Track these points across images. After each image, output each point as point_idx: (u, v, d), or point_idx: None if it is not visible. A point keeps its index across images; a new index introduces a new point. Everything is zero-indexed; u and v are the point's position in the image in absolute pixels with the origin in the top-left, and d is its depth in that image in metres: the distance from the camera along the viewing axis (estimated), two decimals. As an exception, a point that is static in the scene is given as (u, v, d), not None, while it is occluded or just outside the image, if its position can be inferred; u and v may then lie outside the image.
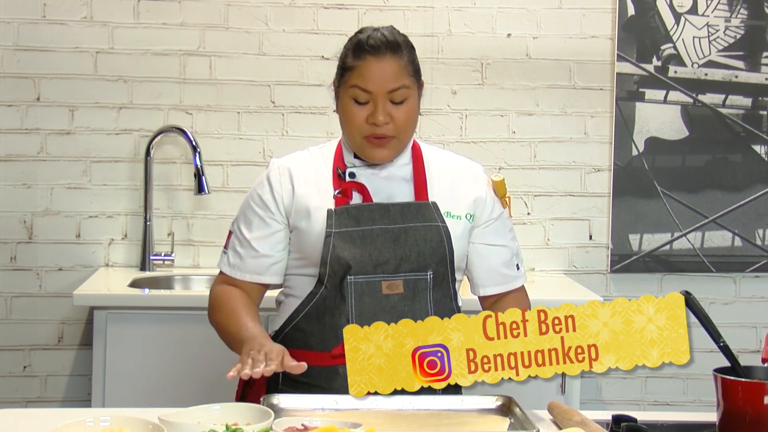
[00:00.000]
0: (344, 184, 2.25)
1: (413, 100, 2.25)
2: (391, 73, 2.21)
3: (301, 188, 2.26)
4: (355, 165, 2.28)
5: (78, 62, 3.57)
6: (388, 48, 2.22)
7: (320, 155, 2.32)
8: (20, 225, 3.58)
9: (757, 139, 3.75)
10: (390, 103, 2.21)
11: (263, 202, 2.28)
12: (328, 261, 2.18)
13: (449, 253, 2.23)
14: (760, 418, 1.81)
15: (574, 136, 3.74)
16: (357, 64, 2.21)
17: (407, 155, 2.31)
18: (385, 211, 2.23)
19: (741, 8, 3.71)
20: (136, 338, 3.14)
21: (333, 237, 2.18)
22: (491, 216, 2.33)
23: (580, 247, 3.76)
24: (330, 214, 2.21)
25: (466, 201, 2.30)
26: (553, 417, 2.01)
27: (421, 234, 2.22)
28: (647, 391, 3.79)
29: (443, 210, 2.26)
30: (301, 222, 2.25)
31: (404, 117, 2.22)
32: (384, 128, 2.20)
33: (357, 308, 2.19)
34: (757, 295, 3.81)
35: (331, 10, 3.64)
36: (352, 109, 2.22)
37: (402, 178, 2.29)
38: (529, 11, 3.70)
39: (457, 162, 2.38)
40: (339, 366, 2.17)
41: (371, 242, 2.20)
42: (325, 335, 2.21)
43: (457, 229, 2.26)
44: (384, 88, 2.20)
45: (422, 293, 2.21)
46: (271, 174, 2.29)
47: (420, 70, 2.30)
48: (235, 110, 3.64)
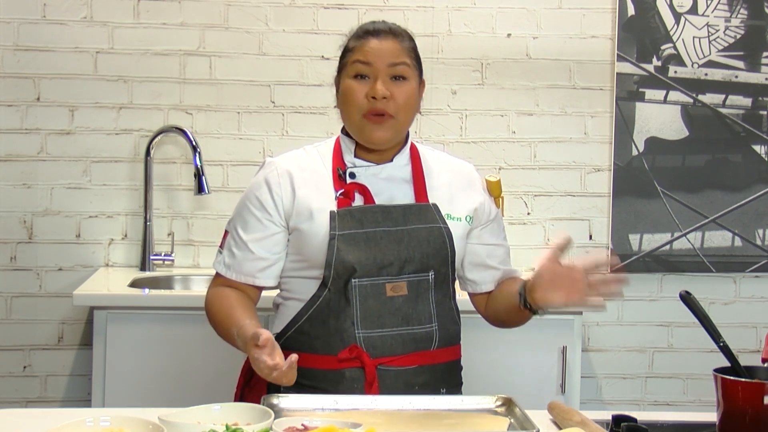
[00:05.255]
0: (346, 185, 2.24)
1: (413, 83, 2.26)
2: (392, 50, 2.23)
3: (301, 190, 2.24)
4: (355, 165, 2.27)
5: (78, 62, 3.57)
6: (390, 32, 2.26)
7: (317, 154, 2.31)
8: (20, 225, 3.58)
9: (757, 139, 3.75)
10: (390, 81, 2.22)
11: (261, 204, 2.25)
12: (333, 264, 2.16)
13: (451, 254, 2.23)
14: (760, 418, 1.81)
15: (574, 136, 3.74)
16: (359, 43, 2.24)
17: (406, 156, 2.31)
18: (388, 213, 2.22)
19: (741, 8, 3.71)
20: (136, 338, 3.14)
21: (337, 239, 2.17)
22: (489, 218, 2.36)
23: (580, 247, 3.76)
24: (333, 216, 2.20)
25: (465, 205, 2.31)
26: (553, 417, 2.01)
27: (424, 235, 2.22)
28: (647, 391, 3.79)
29: (443, 212, 2.27)
30: (302, 224, 2.22)
31: (404, 96, 2.22)
32: (383, 103, 2.20)
33: (362, 311, 2.18)
34: (757, 295, 3.81)
35: (331, 10, 3.64)
36: (352, 85, 2.23)
37: (402, 179, 2.29)
38: (529, 11, 3.70)
39: (452, 163, 2.39)
40: (345, 369, 2.17)
41: (375, 244, 2.19)
42: (330, 339, 2.19)
43: (457, 230, 2.27)
44: (384, 61, 2.21)
45: (425, 294, 2.21)
46: (269, 175, 2.26)
47: (422, 64, 2.31)
48: (235, 110, 3.64)
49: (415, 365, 2.19)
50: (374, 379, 2.14)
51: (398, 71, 2.23)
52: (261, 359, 1.95)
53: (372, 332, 2.17)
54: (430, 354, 2.21)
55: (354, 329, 2.17)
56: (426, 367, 2.20)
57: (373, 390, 2.14)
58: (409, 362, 2.18)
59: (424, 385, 2.20)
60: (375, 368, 2.16)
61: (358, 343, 2.17)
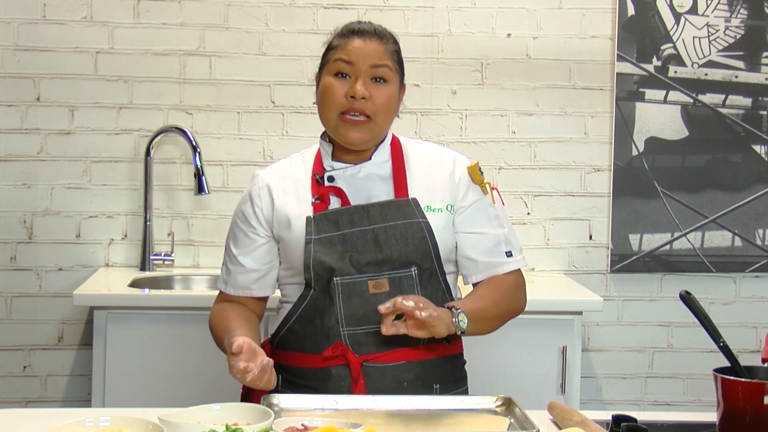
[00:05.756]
0: (322, 189, 2.26)
1: (394, 86, 2.25)
2: (375, 51, 2.23)
3: (280, 200, 2.27)
4: (333, 168, 2.28)
5: (78, 62, 3.57)
6: (375, 34, 2.26)
7: (301, 162, 2.33)
8: (20, 225, 3.58)
9: (757, 139, 3.75)
10: (371, 82, 2.21)
11: (245, 217, 2.31)
12: (312, 266, 2.19)
13: (433, 248, 2.22)
14: (760, 418, 1.81)
15: (574, 136, 3.74)
16: (342, 42, 2.25)
17: (386, 152, 2.30)
18: (365, 213, 2.22)
19: (741, 8, 3.71)
20: (136, 338, 3.14)
21: (313, 243, 2.19)
22: (463, 203, 2.29)
23: (580, 247, 3.76)
24: (309, 222, 2.22)
25: (441, 192, 2.28)
26: (553, 417, 2.01)
27: (402, 232, 2.21)
28: (647, 391, 3.79)
29: (423, 204, 2.25)
30: (283, 232, 2.26)
31: (383, 99, 2.22)
32: (361, 103, 2.20)
33: (345, 309, 2.19)
34: (757, 295, 3.81)
35: (331, 10, 3.64)
36: (332, 83, 2.23)
37: (381, 176, 2.28)
38: (529, 11, 3.70)
39: (435, 153, 2.35)
40: (331, 367, 2.18)
41: (352, 246, 2.20)
42: (317, 337, 2.21)
43: (438, 222, 2.24)
44: (367, 62, 2.21)
45: (409, 290, 2.20)
46: (252, 189, 2.32)
47: (404, 68, 2.30)
48: (235, 110, 3.64)
49: (402, 361, 2.19)
50: (360, 376, 2.15)
51: (380, 73, 2.22)
52: (234, 364, 1.99)
53: (356, 329, 2.18)
54: (419, 350, 2.20)
55: (339, 327, 2.18)
56: (415, 363, 2.20)
57: (359, 387, 2.15)
58: (395, 358, 2.18)
59: (414, 380, 2.19)
60: (360, 365, 2.16)
61: (343, 340, 2.18)
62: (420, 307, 2.06)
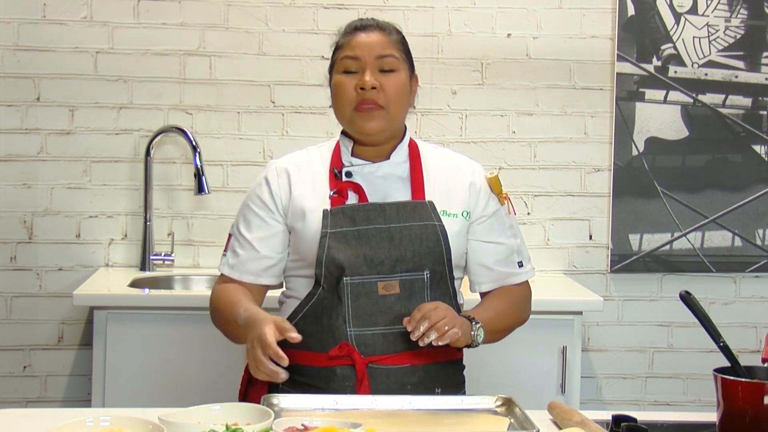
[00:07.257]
0: (340, 183, 2.26)
1: (403, 75, 2.27)
2: (379, 42, 2.26)
3: (297, 189, 2.27)
4: (352, 164, 2.28)
5: (78, 62, 3.57)
6: (377, 26, 2.29)
7: (318, 155, 2.33)
8: (20, 225, 3.58)
9: (757, 139, 3.75)
10: (379, 73, 2.23)
11: (263, 202, 2.28)
12: (324, 262, 2.18)
13: (446, 252, 2.22)
14: (760, 418, 1.81)
15: (574, 136, 3.74)
16: (346, 40, 2.28)
17: (404, 152, 2.31)
18: (381, 211, 2.23)
19: (741, 8, 3.71)
20: (136, 338, 3.14)
21: (328, 237, 2.19)
22: (484, 213, 2.32)
23: (580, 247, 3.76)
24: (326, 215, 2.21)
25: (460, 198, 2.30)
26: (553, 417, 2.01)
27: (417, 233, 2.21)
28: (647, 391, 3.79)
29: (440, 208, 2.26)
30: (297, 223, 2.25)
31: (393, 87, 2.23)
32: (372, 94, 2.21)
33: (353, 309, 2.19)
34: (757, 295, 3.81)
35: (331, 10, 3.64)
36: (341, 80, 2.25)
37: (398, 176, 2.29)
38: (529, 11, 3.70)
39: (453, 159, 2.37)
40: (336, 367, 2.18)
41: (366, 242, 2.20)
42: (322, 336, 2.20)
43: (453, 227, 2.26)
44: (372, 54, 2.23)
45: (419, 293, 2.21)
46: (269, 175, 2.30)
47: (412, 58, 2.32)
48: (235, 110, 3.64)
49: (407, 364, 2.19)
50: (364, 377, 2.15)
51: (386, 63, 2.24)
52: (262, 360, 1.98)
53: (363, 330, 2.18)
54: (425, 353, 2.20)
55: (346, 327, 2.18)
56: (420, 366, 2.20)
57: (363, 387, 2.15)
58: (400, 361, 2.18)
59: (417, 384, 2.19)
60: (365, 366, 2.16)
61: (349, 341, 2.18)
62: (446, 322, 2.07)
